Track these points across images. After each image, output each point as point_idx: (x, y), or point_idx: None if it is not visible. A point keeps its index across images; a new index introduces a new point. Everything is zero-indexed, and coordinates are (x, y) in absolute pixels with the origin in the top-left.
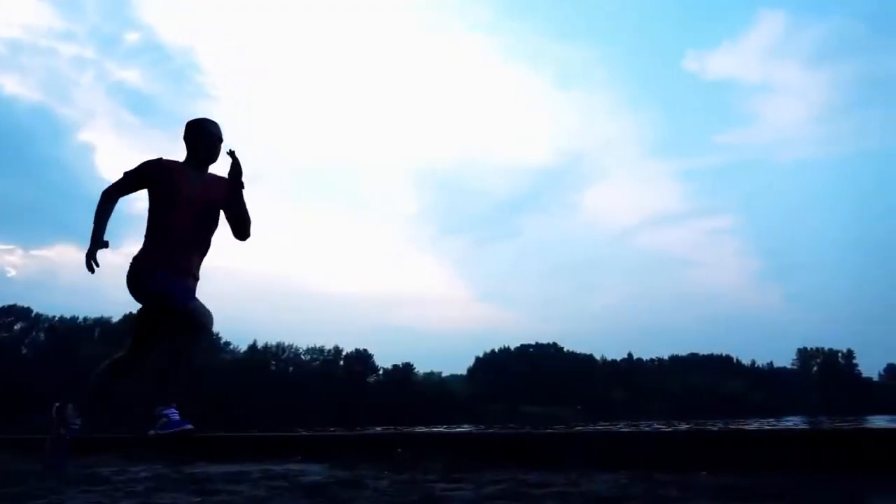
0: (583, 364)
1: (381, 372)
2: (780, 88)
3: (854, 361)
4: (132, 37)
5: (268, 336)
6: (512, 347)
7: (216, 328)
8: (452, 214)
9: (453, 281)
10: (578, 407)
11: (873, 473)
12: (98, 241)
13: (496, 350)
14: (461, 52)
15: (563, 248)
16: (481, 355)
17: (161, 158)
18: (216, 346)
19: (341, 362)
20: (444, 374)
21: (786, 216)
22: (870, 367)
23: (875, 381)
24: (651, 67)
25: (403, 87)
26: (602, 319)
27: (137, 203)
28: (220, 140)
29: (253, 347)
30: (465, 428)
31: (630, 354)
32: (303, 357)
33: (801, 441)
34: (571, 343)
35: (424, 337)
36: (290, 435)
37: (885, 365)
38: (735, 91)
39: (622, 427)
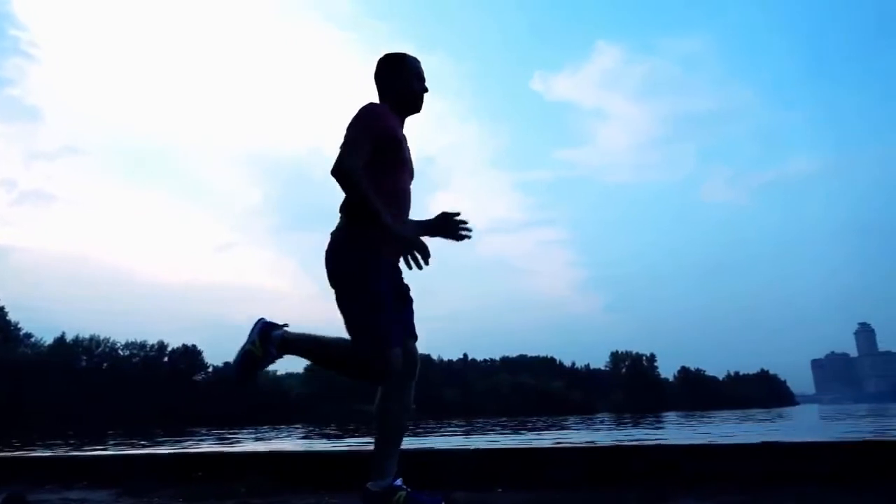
0: (423, 363)
1: (210, 370)
2: (610, 116)
3: (655, 364)
4: None
5: (79, 328)
6: None
7: (14, 317)
8: (301, 208)
9: (298, 277)
10: (413, 406)
11: (645, 486)
12: (399, 225)
13: None
14: (319, 44)
15: None
16: None
17: (379, 103)
18: (12, 337)
19: (165, 359)
20: (279, 373)
21: (607, 232)
22: (667, 369)
23: (669, 382)
24: (501, 83)
25: (256, 72)
26: (442, 320)
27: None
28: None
29: (60, 340)
30: (298, 428)
31: (465, 355)
32: (121, 353)
33: (582, 456)
34: None
35: None
36: (73, 456)
37: (678, 367)
38: (573, 113)
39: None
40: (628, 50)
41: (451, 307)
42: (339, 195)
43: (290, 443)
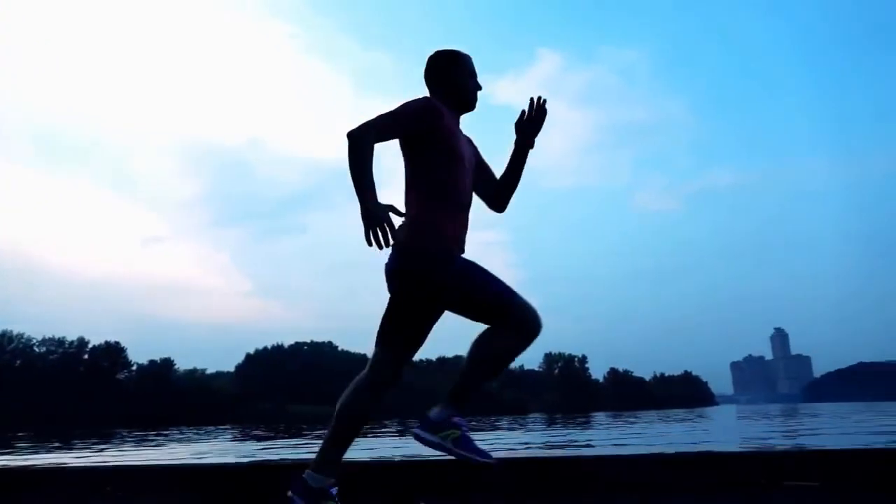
0: (358, 363)
1: (134, 368)
2: (551, 122)
3: (587, 365)
4: None
5: None
6: (286, 345)
7: None
8: (234, 202)
9: (229, 273)
10: None
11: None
12: (375, 200)
13: (269, 347)
14: (260, 35)
15: (348, 246)
16: (252, 352)
17: (434, 99)
18: None
19: (86, 356)
20: (208, 372)
21: (545, 235)
22: (597, 370)
23: (600, 382)
24: None
25: (190, 60)
26: (378, 319)
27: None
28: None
29: None
30: (226, 429)
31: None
32: (36, 349)
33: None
34: (348, 342)
35: (190, 331)
36: None
37: (608, 368)
38: (515, 116)
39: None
40: (569, 58)
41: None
42: (280, 189)
43: (209, 445)
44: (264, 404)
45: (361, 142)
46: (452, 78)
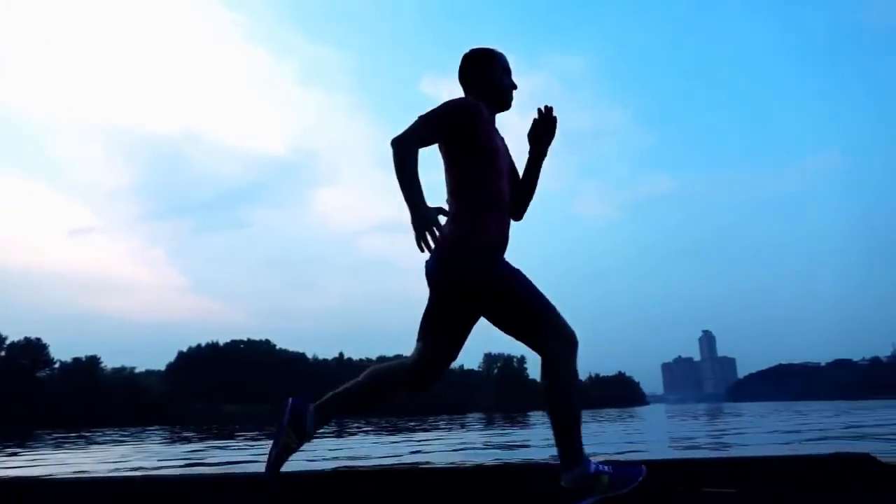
0: (296, 362)
1: (56, 365)
2: (497, 125)
3: (525, 366)
4: None
5: None
6: (221, 343)
7: None
8: (170, 195)
9: (163, 268)
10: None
11: None
12: (424, 205)
13: (202, 345)
14: (199, 19)
15: (289, 244)
16: (185, 350)
17: (473, 99)
18: None
19: (3, 353)
20: (137, 370)
21: None
22: (535, 370)
23: (538, 382)
24: (391, 81)
25: (123, 44)
26: (319, 318)
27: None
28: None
29: None
30: (155, 430)
31: (341, 354)
32: None
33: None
34: (285, 340)
35: (119, 328)
36: None
37: None
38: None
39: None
40: (515, 62)
41: (329, 304)
42: (219, 183)
43: (132, 448)
44: (197, 404)
45: (405, 147)
46: (489, 76)
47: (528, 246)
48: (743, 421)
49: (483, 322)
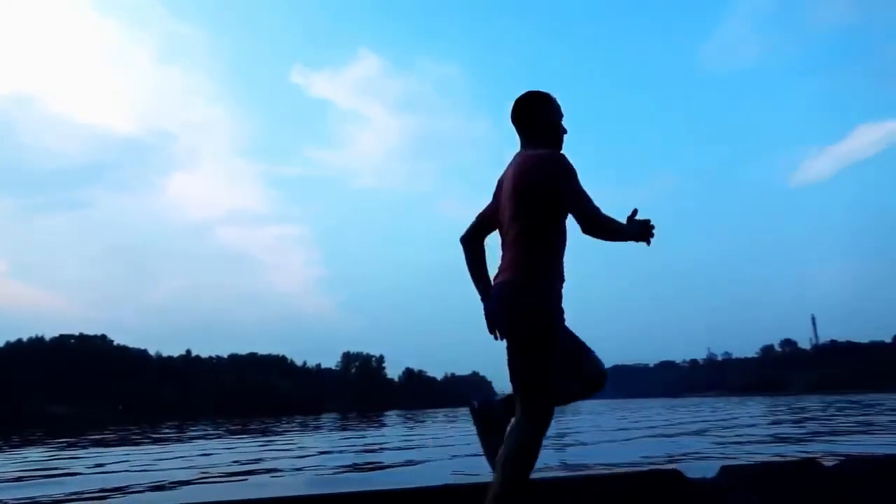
0: (137, 360)
1: None
2: (366, 122)
3: (384, 365)
4: None
5: None
6: (47, 337)
7: None
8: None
9: None
10: (119, 407)
11: None
12: None
13: (25, 340)
14: None
15: (135, 230)
16: (3, 345)
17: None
18: None
19: None
20: None
21: (349, 233)
22: (394, 369)
23: (396, 382)
24: (260, 68)
25: None
26: (165, 312)
27: None
28: None
29: None
30: None
31: (188, 351)
32: None
33: None
34: (125, 336)
35: None
36: None
37: (403, 368)
38: (331, 113)
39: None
40: (389, 62)
41: (176, 298)
42: (54, 159)
43: None
44: (15, 404)
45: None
46: (550, 120)
47: (391, 244)
48: (582, 421)
49: (340, 319)
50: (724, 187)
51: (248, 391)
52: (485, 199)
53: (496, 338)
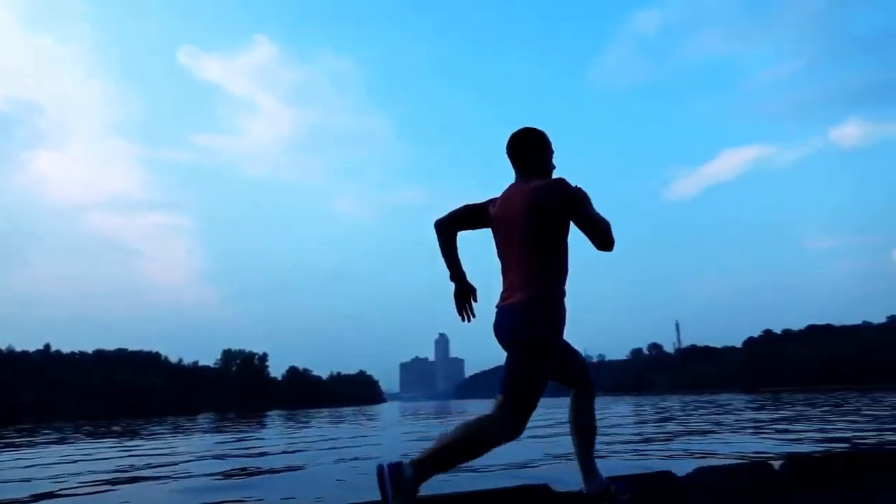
0: None
1: None
2: (259, 111)
3: (266, 363)
4: None
5: None
6: None
7: None
8: None
9: None
10: None
11: None
12: None
13: None
14: None
15: None
16: None
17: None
18: None
19: None
20: None
21: (235, 225)
22: (278, 368)
23: (278, 381)
24: (142, 44)
25: None
26: (22, 303)
27: None
28: None
29: None
30: None
31: (48, 346)
32: None
33: None
34: None
35: None
36: None
37: (287, 366)
38: (221, 99)
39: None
40: (286, 52)
41: (33, 287)
42: None
43: None
44: None
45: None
46: (545, 156)
47: (280, 238)
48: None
49: (222, 316)
50: (601, 198)
51: (115, 390)
52: (384, 199)
53: (464, 319)
